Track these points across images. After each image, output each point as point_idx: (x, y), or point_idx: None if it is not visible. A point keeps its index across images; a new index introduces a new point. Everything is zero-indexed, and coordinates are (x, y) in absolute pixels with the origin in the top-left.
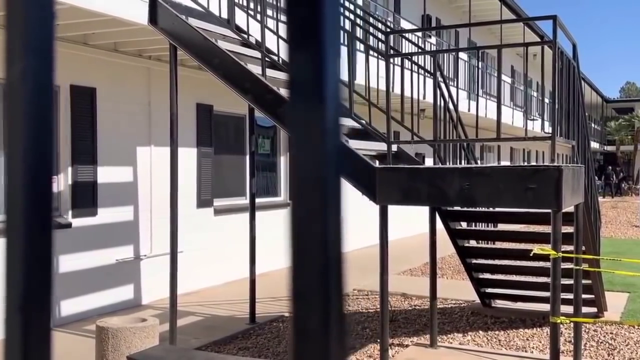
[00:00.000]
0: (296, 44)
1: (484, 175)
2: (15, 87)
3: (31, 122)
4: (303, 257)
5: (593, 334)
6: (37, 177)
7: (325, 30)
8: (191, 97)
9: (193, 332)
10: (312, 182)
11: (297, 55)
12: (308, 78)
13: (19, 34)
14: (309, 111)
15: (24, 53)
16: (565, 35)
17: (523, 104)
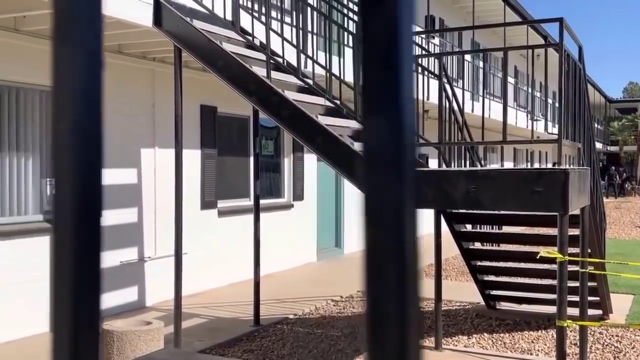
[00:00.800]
0: (373, 108)
1: (490, 178)
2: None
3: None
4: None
5: (599, 336)
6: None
7: (403, 95)
8: (195, 98)
9: (197, 335)
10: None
11: (373, 119)
12: (385, 143)
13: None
14: (384, 175)
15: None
16: (572, 37)
17: (526, 105)
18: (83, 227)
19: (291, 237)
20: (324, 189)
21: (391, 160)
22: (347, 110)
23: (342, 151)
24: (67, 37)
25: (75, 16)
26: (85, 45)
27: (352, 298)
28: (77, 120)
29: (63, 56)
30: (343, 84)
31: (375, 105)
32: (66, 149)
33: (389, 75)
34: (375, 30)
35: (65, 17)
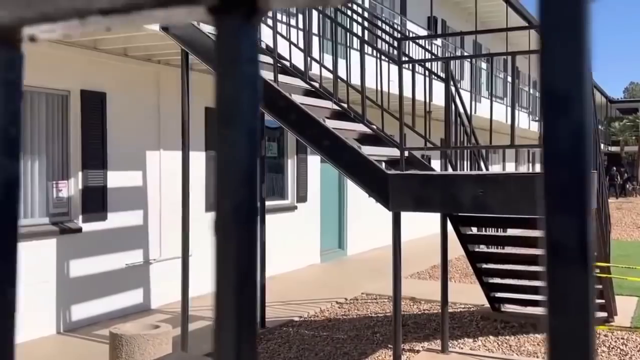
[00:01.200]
0: (555, 207)
1: (497, 182)
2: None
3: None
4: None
5: (604, 339)
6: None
7: (586, 199)
8: (200, 100)
9: (203, 337)
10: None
11: (558, 219)
12: (569, 245)
13: (230, 169)
14: (572, 275)
15: (235, 187)
16: None
17: (527, 106)
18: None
19: (295, 238)
20: (328, 191)
21: (575, 257)
22: (354, 114)
23: (348, 154)
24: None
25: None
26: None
27: (357, 300)
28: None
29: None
30: (350, 87)
31: (558, 206)
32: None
33: (573, 179)
34: (559, 134)
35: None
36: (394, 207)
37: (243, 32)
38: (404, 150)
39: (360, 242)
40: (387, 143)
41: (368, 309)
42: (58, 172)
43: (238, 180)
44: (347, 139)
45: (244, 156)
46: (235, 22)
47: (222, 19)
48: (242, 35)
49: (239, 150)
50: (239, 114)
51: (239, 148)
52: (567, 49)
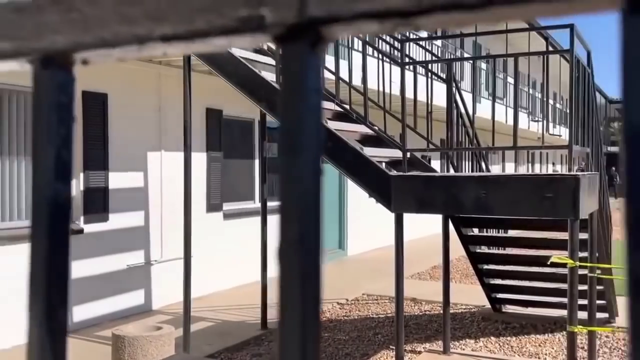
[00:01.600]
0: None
1: (500, 183)
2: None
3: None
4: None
5: (606, 340)
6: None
7: None
8: (201, 101)
9: (205, 338)
10: None
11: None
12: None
13: (294, 198)
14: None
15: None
16: (581, 43)
17: (527, 106)
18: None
19: None
20: (328, 191)
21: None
22: (356, 115)
23: (351, 155)
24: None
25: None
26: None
27: (358, 301)
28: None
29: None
30: (352, 88)
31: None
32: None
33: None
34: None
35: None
36: (396, 209)
37: (308, 62)
38: (406, 152)
39: (360, 242)
40: (389, 144)
41: (369, 309)
42: None
43: (302, 209)
44: (349, 140)
45: (309, 185)
46: (300, 51)
47: (287, 47)
48: (307, 64)
49: (304, 180)
50: (303, 143)
51: (304, 177)
52: None
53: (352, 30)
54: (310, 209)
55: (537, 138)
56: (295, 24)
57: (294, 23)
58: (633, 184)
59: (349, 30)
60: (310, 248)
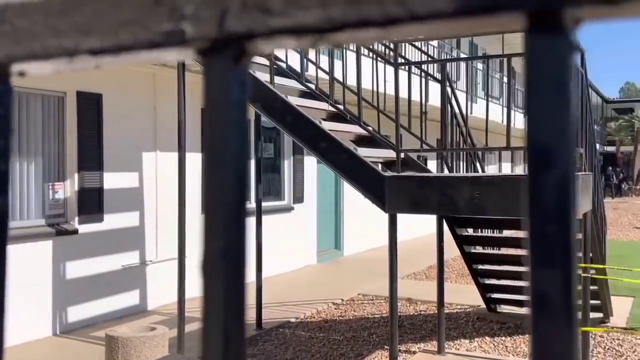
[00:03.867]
0: (541, 261)
1: (494, 184)
2: (216, 262)
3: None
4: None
5: (600, 340)
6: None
7: (572, 252)
8: (196, 101)
9: (200, 339)
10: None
11: (543, 273)
12: (554, 299)
13: (218, 210)
14: (554, 330)
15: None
16: None
17: (524, 107)
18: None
19: (291, 239)
20: (324, 191)
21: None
22: (350, 115)
23: (344, 156)
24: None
25: None
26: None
27: (353, 301)
28: None
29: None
30: (346, 88)
31: (544, 260)
32: None
33: (559, 234)
34: (545, 190)
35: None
36: (390, 209)
37: (232, 75)
38: (400, 152)
39: (357, 242)
40: (383, 145)
41: (364, 309)
42: (54, 173)
43: (226, 223)
44: (343, 140)
45: (232, 200)
46: (223, 65)
47: (210, 61)
48: (231, 77)
49: (227, 194)
50: (226, 158)
51: (227, 191)
52: (552, 104)
53: (273, 45)
54: (234, 222)
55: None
56: (217, 39)
57: (215, 38)
58: (533, 200)
59: (270, 45)
60: (234, 261)
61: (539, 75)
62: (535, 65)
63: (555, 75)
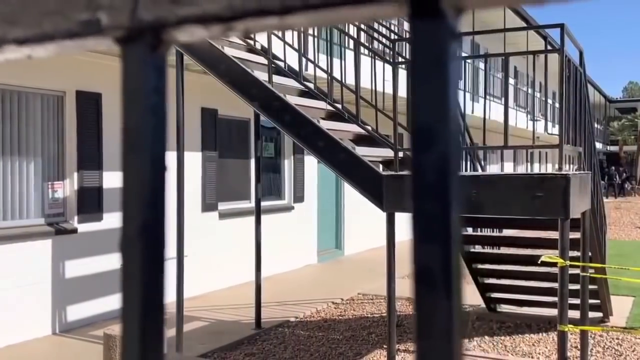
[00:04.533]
0: (422, 236)
1: (491, 183)
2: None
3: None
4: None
5: (599, 339)
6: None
7: (452, 228)
8: (196, 101)
9: (199, 338)
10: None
11: (424, 247)
12: (434, 272)
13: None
14: (435, 302)
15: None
16: (572, 42)
17: (526, 106)
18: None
19: (291, 239)
20: (325, 191)
21: (439, 284)
22: (348, 115)
23: (342, 155)
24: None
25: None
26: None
27: (353, 300)
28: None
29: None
30: (344, 87)
31: (425, 235)
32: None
33: (439, 209)
34: (426, 167)
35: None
36: (387, 208)
37: (148, 62)
38: (397, 151)
39: (357, 242)
40: (382, 144)
41: (364, 309)
42: (53, 172)
43: (142, 204)
44: (342, 139)
45: (148, 181)
46: (139, 53)
47: (127, 50)
48: (148, 65)
49: (143, 176)
50: (143, 142)
51: (143, 173)
52: (433, 87)
53: (187, 34)
54: (151, 205)
55: (537, 138)
56: (131, 28)
57: (130, 27)
58: (416, 176)
59: (183, 33)
60: (151, 239)
61: (421, 59)
62: (418, 49)
63: (435, 59)
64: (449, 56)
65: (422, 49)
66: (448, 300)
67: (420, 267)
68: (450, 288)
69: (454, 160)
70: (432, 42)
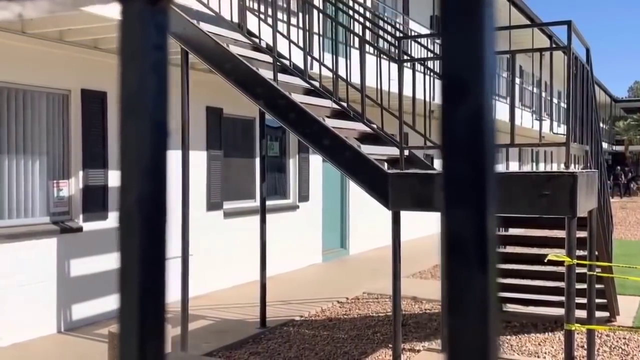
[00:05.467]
0: (454, 200)
1: (497, 181)
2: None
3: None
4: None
5: (606, 339)
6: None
7: (487, 192)
8: (201, 100)
9: (204, 337)
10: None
11: (456, 213)
12: (468, 237)
13: (134, 162)
14: (471, 274)
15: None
16: (579, 39)
17: (531, 105)
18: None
19: (296, 238)
20: (330, 190)
21: (473, 254)
22: (353, 113)
23: (348, 153)
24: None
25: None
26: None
27: (358, 299)
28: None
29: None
30: (350, 86)
31: (457, 197)
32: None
33: (472, 166)
34: (457, 122)
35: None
36: (393, 206)
37: (148, 17)
38: (403, 149)
39: (362, 241)
40: (387, 142)
41: (369, 308)
42: (59, 171)
43: (142, 174)
44: (347, 138)
45: (148, 148)
46: (139, 6)
47: (126, 5)
48: (148, 20)
49: (143, 143)
50: (144, 104)
51: (143, 140)
52: (465, 32)
53: None
54: (151, 173)
55: (543, 137)
56: None
57: None
58: (446, 133)
59: None
60: (150, 213)
61: (451, 2)
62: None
63: (467, 2)
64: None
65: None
66: (483, 274)
67: (451, 236)
68: (485, 260)
69: (488, 114)
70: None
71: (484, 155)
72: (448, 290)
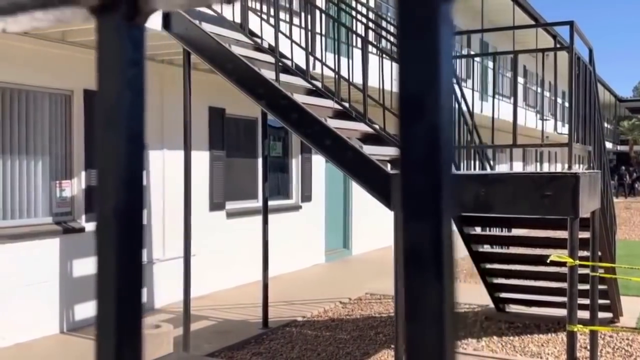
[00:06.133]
0: (411, 212)
1: (500, 182)
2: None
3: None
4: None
5: (609, 340)
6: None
7: (443, 205)
8: (203, 100)
9: (206, 337)
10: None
11: (413, 226)
12: (424, 248)
13: (111, 172)
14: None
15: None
16: (582, 40)
17: (535, 105)
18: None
19: (299, 238)
20: (332, 190)
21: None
22: (355, 113)
23: (350, 154)
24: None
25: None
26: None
27: (361, 300)
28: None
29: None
30: (352, 86)
31: (414, 211)
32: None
33: (428, 184)
34: (414, 139)
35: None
36: (395, 207)
37: (125, 33)
38: None
39: (365, 241)
40: (389, 143)
41: (372, 309)
42: (61, 171)
43: (119, 184)
44: (349, 138)
45: (124, 160)
46: (115, 22)
47: (103, 20)
48: (124, 36)
49: (119, 154)
50: (120, 118)
51: (119, 151)
52: (421, 52)
53: (165, 2)
54: (127, 182)
55: (547, 137)
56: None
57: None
58: (404, 150)
59: (162, 2)
60: (127, 220)
61: (407, 21)
62: (404, 11)
63: (424, 21)
64: (439, 19)
65: (408, 10)
66: (438, 281)
67: (409, 247)
68: (440, 269)
69: (445, 132)
70: (420, 2)
71: (439, 170)
72: (406, 297)
